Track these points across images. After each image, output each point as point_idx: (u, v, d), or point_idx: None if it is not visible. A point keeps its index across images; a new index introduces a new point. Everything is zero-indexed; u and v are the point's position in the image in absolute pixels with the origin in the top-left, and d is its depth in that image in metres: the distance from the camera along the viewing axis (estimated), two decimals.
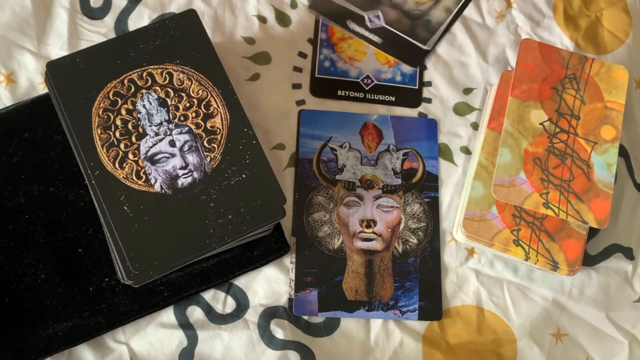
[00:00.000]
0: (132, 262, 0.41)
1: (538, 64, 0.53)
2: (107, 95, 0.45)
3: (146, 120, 0.45)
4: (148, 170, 0.44)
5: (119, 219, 0.42)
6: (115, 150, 0.44)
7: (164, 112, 0.45)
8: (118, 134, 0.44)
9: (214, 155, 0.44)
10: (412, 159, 0.54)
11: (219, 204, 0.43)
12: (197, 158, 0.44)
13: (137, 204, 0.43)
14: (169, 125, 0.45)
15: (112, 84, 0.45)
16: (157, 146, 0.44)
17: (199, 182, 0.44)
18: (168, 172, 0.44)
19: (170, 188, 0.43)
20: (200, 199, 0.43)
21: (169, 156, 0.44)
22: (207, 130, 0.45)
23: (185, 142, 0.44)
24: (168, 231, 0.42)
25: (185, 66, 0.46)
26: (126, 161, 0.44)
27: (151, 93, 0.45)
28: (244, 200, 0.44)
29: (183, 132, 0.45)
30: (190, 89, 0.46)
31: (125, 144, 0.44)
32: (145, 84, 0.45)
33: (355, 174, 0.53)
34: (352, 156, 0.54)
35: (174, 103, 0.45)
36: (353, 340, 0.49)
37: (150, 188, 0.43)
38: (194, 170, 0.44)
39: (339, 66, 0.56)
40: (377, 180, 0.53)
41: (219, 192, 0.44)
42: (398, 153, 0.54)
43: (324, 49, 0.56)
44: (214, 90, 0.46)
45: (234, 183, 0.44)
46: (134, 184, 0.43)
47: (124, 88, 0.45)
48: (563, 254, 0.50)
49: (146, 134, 0.44)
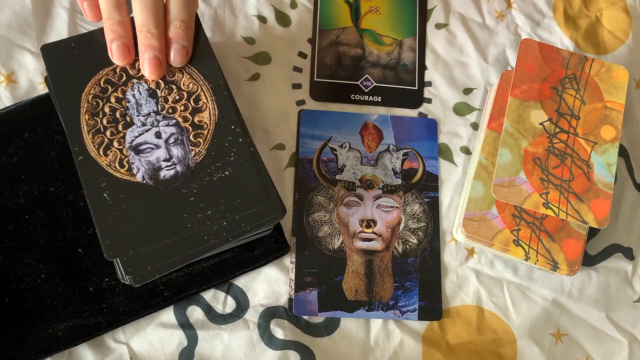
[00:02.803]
0: (107, 250, 0.41)
1: (538, 64, 0.53)
2: (98, 82, 0.44)
3: (134, 109, 0.44)
4: (131, 159, 0.43)
5: (98, 206, 0.42)
6: (101, 137, 0.43)
7: (152, 103, 0.45)
8: (105, 121, 0.44)
9: (199, 150, 0.44)
10: (412, 159, 0.54)
11: (199, 199, 0.43)
12: (181, 151, 0.44)
13: (118, 192, 0.42)
14: (157, 116, 0.44)
15: (104, 72, 0.45)
16: (143, 136, 0.44)
17: (181, 176, 0.43)
18: (151, 163, 0.43)
19: (152, 179, 0.43)
20: (181, 192, 0.43)
21: (153, 147, 0.44)
22: (194, 125, 0.44)
23: (172, 135, 0.44)
24: (146, 221, 0.42)
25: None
26: (110, 149, 0.43)
27: (142, 83, 0.45)
28: (225, 197, 0.43)
29: (170, 124, 0.44)
30: (181, 81, 0.45)
31: (112, 132, 0.44)
32: (137, 74, 0.45)
33: (355, 174, 0.53)
34: (352, 156, 0.54)
35: (164, 95, 0.45)
36: (353, 340, 0.49)
37: (132, 177, 0.43)
38: (177, 163, 0.43)
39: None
40: (377, 180, 0.53)
41: (200, 187, 0.43)
42: (398, 153, 0.54)
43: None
44: (204, 84, 0.45)
45: (216, 179, 0.43)
46: (116, 172, 0.43)
47: (116, 76, 0.45)
48: (563, 254, 0.50)
49: (133, 124, 0.44)
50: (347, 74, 0.56)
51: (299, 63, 0.55)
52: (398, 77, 0.56)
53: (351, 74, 0.56)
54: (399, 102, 0.56)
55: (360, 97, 0.55)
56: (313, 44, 0.56)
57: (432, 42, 0.58)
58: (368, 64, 0.56)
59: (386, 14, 0.58)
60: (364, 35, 0.57)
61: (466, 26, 0.58)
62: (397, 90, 0.56)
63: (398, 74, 0.56)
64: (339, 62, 0.56)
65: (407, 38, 0.57)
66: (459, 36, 0.58)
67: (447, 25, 0.58)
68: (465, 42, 0.58)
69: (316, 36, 0.56)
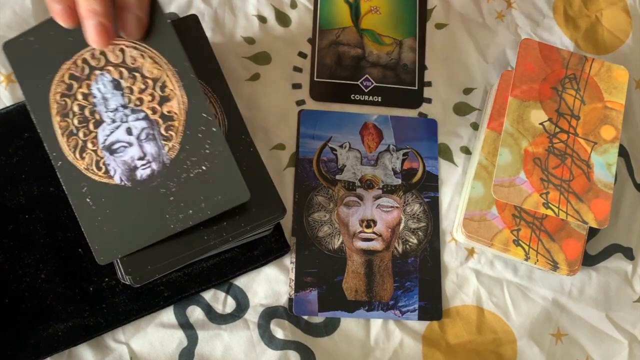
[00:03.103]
0: (98, 254, 0.40)
1: (538, 64, 0.53)
2: (63, 79, 0.41)
3: (102, 105, 0.41)
4: (107, 160, 0.41)
5: (83, 211, 0.40)
6: (75, 140, 0.41)
7: (118, 96, 0.41)
8: (76, 122, 0.41)
9: (172, 144, 0.40)
10: (412, 159, 0.54)
11: (178, 198, 0.40)
12: (154, 147, 0.40)
13: (99, 196, 0.40)
14: (125, 110, 0.41)
15: (66, 66, 0.41)
16: (114, 134, 0.41)
17: (158, 174, 0.40)
18: (126, 163, 0.40)
19: (129, 180, 0.40)
20: (159, 192, 0.40)
21: (126, 145, 0.41)
22: (163, 116, 0.40)
23: (142, 130, 0.40)
24: (129, 224, 0.40)
25: (137, 41, 0.41)
26: (86, 151, 0.41)
27: (105, 74, 0.41)
28: (204, 194, 0.40)
29: (139, 118, 0.41)
30: (144, 67, 0.41)
31: (84, 132, 0.41)
32: (99, 64, 0.41)
33: (355, 174, 0.53)
34: (352, 156, 0.54)
35: (129, 85, 0.41)
36: (353, 340, 0.49)
37: (110, 180, 0.40)
38: (152, 160, 0.40)
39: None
40: (377, 180, 0.53)
41: (178, 185, 0.40)
42: (398, 153, 0.54)
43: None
44: (169, 68, 0.40)
45: (194, 175, 0.40)
46: (94, 175, 0.40)
47: (78, 69, 0.41)
48: (563, 254, 0.50)
49: (103, 121, 0.41)
50: (347, 74, 0.56)
51: (299, 63, 0.55)
52: (398, 77, 0.56)
53: (351, 74, 0.56)
54: (399, 102, 0.56)
55: (360, 97, 0.55)
56: (313, 44, 0.56)
57: (432, 42, 0.58)
58: (368, 64, 0.56)
59: (386, 14, 0.58)
60: (364, 35, 0.57)
61: (466, 26, 0.58)
62: (397, 90, 0.56)
63: (398, 74, 0.56)
64: (339, 62, 0.56)
65: (407, 38, 0.57)
66: (459, 36, 0.58)
67: (447, 25, 0.58)
68: (465, 42, 0.58)
69: (316, 36, 0.56)
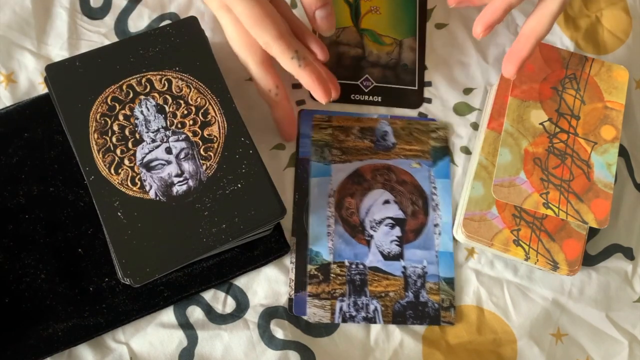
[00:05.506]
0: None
1: (538, 64, 0.53)
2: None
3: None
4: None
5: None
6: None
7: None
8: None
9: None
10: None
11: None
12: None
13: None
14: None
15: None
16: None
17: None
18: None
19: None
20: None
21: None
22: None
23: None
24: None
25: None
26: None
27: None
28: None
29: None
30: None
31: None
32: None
33: None
34: None
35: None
36: (353, 341, 0.49)
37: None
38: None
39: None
40: None
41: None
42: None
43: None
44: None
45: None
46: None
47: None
48: (563, 254, 0.50)
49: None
50: (347, 73, 0.56)
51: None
52: (398, 77, 0.56)
53: (351, 74, 0.56)
54: (399, 102, 0.56)
55: (360, 97, 0.55)
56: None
57: (432, 42, 0.58)
58: (368, 63, 0.56)
59: (386, 14, 0.58)
60: (364, 35, 0.57)
61: (466, 26, 0.58)
62: (397, 90, 0.56)
63: (398, 73, 0.56)
64: (339, 62, 0.56)
65: (407, 38, 0.57)
66: (459, 36, 0.58)
67: (447, 25, 0.58)
68: (465, 42, 0.58)
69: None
